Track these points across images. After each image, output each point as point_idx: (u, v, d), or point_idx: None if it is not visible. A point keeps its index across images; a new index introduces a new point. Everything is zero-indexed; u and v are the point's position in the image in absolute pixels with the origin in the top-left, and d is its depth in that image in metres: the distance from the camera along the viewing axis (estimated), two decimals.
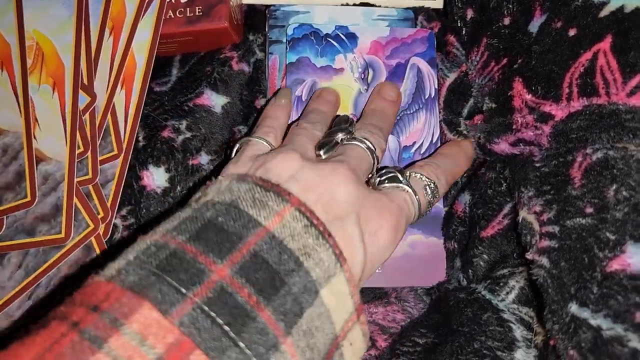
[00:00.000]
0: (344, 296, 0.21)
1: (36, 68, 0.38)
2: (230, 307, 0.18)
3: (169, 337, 0.17)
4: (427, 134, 0.37)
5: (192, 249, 0.19)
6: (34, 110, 0.37)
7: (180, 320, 0.17)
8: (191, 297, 0.18)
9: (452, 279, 0.35)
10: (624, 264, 0.24)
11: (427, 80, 0.38)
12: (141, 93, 0.36)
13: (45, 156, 0.36)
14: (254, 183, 0.22)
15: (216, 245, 0.20)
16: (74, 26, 0.37)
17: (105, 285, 0.18)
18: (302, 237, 0.21)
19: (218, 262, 0.19)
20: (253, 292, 0.19)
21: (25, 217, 0.35)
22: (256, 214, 0.21)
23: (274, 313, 0.19)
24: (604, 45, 0.27)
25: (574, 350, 0.24)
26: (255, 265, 0.19)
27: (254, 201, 0.21)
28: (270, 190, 0.22)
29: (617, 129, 0.26)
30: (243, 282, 0.19)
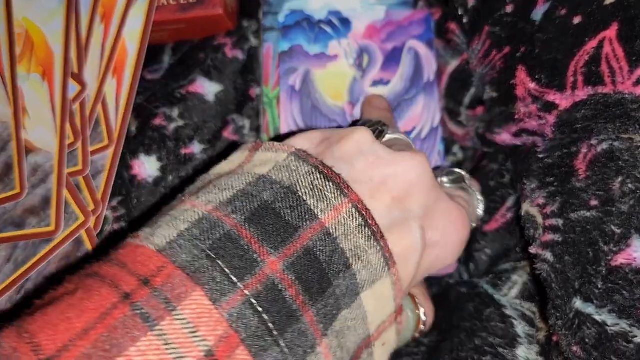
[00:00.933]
0: (386, 299, 0.21)
1: (25, 56, 0.37)
2: (278, 305, 0.18)
3: (219, 329, 0.16)
4: (427, 119, 0.36)
5: (247, 234, 0.18)
6: (23, 99, 0.36)
7: (230, 312, 0.17)
8: (242, 288, 0.17)
9: (453, 272, 0.35)
10: (630, 258, 0.24)
11: (426, 63, 0.37)
12: (133, 82, 0.36)
13: (35, 147, 0.35)
14: (314, 166, 0.21)
15: (272, 234, 0.19)
16: (64, 14, 0.36)
17: (156, 257, 0.18)
18: (355, 236, 0.20)
19: (272, 253, 0.18)
20: (301, 292, 0.18)
21: (14, 209, 0.35)
22: (314, 204, 0.20)
23: (317, 315, 0.18)
24: (610, 33, 0.27)
25: (578, 347, 0.24)
26: (307, 262, 0.19)
27: (312, 189, 0.20)
28: (330, 180, 0.20)
29: (623, 119, 0.26)
30: (293, 279, 0.18)
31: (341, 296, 0.19)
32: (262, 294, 0.17)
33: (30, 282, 0.34)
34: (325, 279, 0.19)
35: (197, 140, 0.36)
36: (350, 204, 0.20)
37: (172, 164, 0.36)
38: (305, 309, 0.18)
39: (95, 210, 0.34)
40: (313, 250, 0.19)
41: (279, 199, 0.20)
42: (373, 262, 0.20)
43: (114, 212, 0.35)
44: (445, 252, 0.23)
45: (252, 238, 0.18)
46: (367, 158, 0.22)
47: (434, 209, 0.23)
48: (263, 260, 0.18)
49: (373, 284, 0.20)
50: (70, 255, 0.34)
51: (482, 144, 0.35)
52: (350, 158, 0.22)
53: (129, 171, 0.35)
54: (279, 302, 0.18)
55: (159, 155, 0.35)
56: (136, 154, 0.35)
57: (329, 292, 0.19)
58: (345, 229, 0.20)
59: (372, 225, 0.20)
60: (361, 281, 0.19)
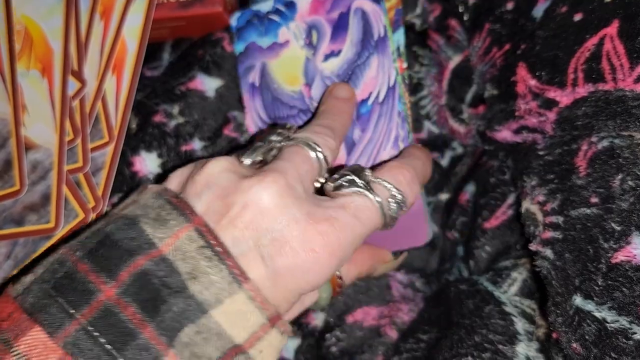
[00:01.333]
0: (247, 313, 0.21)
1: (25, 53, 0.37)
2: (114, 326, 0.20)
3: (51, 357, 0.19)
4: (382, 80, 0.34)
5: (84, 267, 0.21)
6: (23, 96, 0.36)
7: (65, 341, 0.19)
8: (78, 317, 0.19)
9: (453, 269, 0.35)
10: (630, 255, 0.24)
11: (374, 20, 0.34)
12: (133, 79, 0.35)
13: (34, 143, 0.35)
14: (167, 199, 0.22)
15: (107, 264, 0.21)
16: (63, 11, 0.36)
17: (11, 303, 0.20)
18: (193, 259, 0.21)
19: (107, 281, 0.20)
20: (138, 311, 0.20)
21: (14, 206, 0.35)
22: (153, 233, 0.21)
23: (156, 329, 0.20)
24: (611, 31, 0.27)
25: (578, 344, 0.24)
26: (141, 284, 0.20)
27: (156, 219, 0.22)
28: (176, 208, 0.22)
29: (624, 116, 0.26)
30: (129, 300, 0.20)
31: (180, 313, 0.20)
32: (97, 319, 0.19)
33: None
34: (159, 298, 0.20)
35: (197, 137, 0.36)
36: (193, 228, 0.21)
37: (172, 160, 0.36)
38: (144, 326, 0.20)
39: (96, 207, 0.34)
40: (147, 274, 0.20)
41: (120, 230, 0.22)
42: (216, 281, 0.21)
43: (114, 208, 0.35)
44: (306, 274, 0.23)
45: (89, 270, 0.20)
46: (213, 191, 0.23)
47: (284, 234, 0.22)
48: (99, 290, 0.20)
49: (221, 302, 0.21)
50: None
51: (482, 141, 0.35)
52: (200, 192, 0.23)
53: (130, 168, 0.35)
54: (115, 324, 0.20)
55: (160, 152, 0.35)
56: (137, 150, 0.35)
57: (164, 309, 0.20)
58: (183, 253, 0.21)
59: (215, 246, 0.21)
60: (204, 300, 0.21)
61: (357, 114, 0.34)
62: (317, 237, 0.22)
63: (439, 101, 0.38)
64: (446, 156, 0.38)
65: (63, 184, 0.34)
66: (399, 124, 0.33)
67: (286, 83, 0.36)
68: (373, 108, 0.34)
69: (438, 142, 0.39)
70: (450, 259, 0.36)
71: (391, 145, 0.33)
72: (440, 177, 0.38)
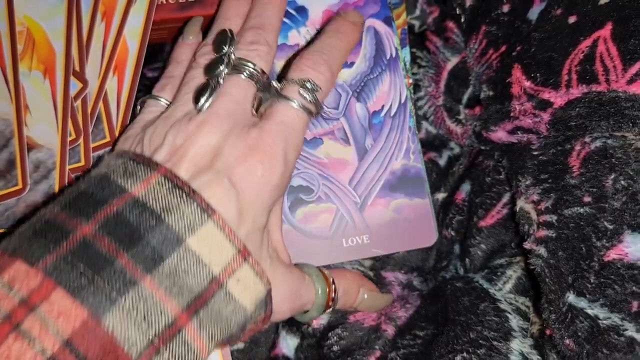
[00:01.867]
0: (218, 242, 0.23)
1: (27, 54, 0.37)
2: (90, 255, 0.21)
3: (32, 281, 0.20)
4: (394, 95, 0.36)
5: (62, 216, 0.23)
6: (25, 96, 0.36)
7: (45, 267, 0.21)
8: (57, 250, 0.21)
9: (449, 267, 0.35)
10: (622, 253, 0.24)
11: (386, 40, 0.37)
12: (134, 79, 0.36)
13: (37, 143, 0.35)
14: (129, 157, 0.25)
15: (84, 211, 0.23)
16: (64, 11, 0.37)
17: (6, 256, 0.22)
18: (165, 198, 0.23)
19: (84, 222, 0.22)
20: (112, 242, 0.22)
21: (16, 205, 0.35)
22: (124, 182, 0.23)
23: (131, 259, 0.22)
24: (604, 33, 0.27)
25: (571, 340, 0.24)
26: (116, 222, 0.22)
27: (124, 172, 0.24)
28: (140, 163, 0.24)
29: (617, 117, 0.26)
30: (104, 234, 0.22)
31: (159, 245, 0.22)
32: (75, 251, 0.21)
33: None
34: (137, 234, 0.22)
35: None
36: (160, 175, 0.24)
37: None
38: (119, 255, 0.21)
39: None
40: (122, 213, 0.22)
41: (92, 185, 0.24)
42: (188, 212, 0.23)
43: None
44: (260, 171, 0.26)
45: (67, 217, 0.22)
46: (168, 147, 0.26)
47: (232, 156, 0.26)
48: (75, 228, 0.22)
49: (195, 231, 0.23)
50: None
51: (478, 141, 0.35)
52: (157, 150, 0.26)
53: None
54: (90, 253, 0.21)
55: None
56: None
57: (142, 243, 0.22)
58: (154, 194, 0.23)
59: (182, 186, 0.23)
60: (180, 230, 0.23)
61: (369, 123, 0.36)
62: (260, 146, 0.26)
63: (436, 102, 0.38)
64: (444, 156, 0.39)
65: (65, 183, 0.35)
66: (410, 137, 0.36)
67: None
68: (385, 120, 0.36)
69: (436, 142, 0.39)
70: (446, 257, 0.36)
71: (402, 155, 0.35)
72: (437, 177, 0.38)
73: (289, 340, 0.34)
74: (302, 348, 0.34)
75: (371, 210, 0.35)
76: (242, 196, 0.25)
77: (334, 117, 0.36)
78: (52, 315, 0.20)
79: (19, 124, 0.36)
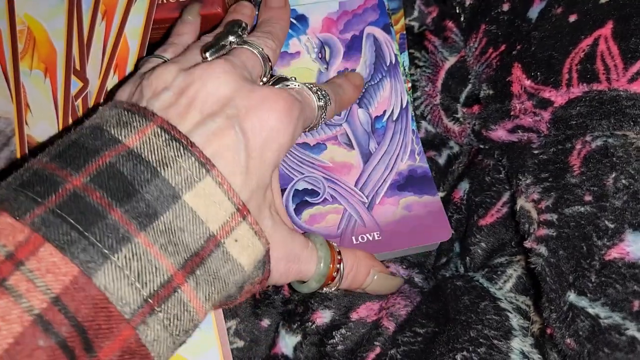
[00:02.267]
0: (217, 197, 0.22)
1: (27, 53, 0.37)
2: (81, 208, 0.20)
3: (19, 236, 0.19)
4: (395, 101, 0.37)
5: (51, 166, 0.21)
6: (26, 95, 0.36)
7: (32, 221, 0.20)
8: (45, 203, 0.20)
9: (450, 265, 0.35)
10: (623, 252, 0.24)
11: (385, 47, 0.38)
12: None
13: (37, 142, 0.35)
14: (123, 108, 0.23)
15: (73, 161, 0.21)
16: (65, 11, 0.37)
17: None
18: (162, 150, 0.22)
19: (74, 173, 0.21)
20: (105, 196, 0.20)
21: None
22: (117, 133, 0.22)
23: (125, 214, 0.20)
24: (605, 31, 0.27)
25: (572, 339, 0.24)
26: (109, 174, 0.21)
27: (118, 122, 0.23)
28: (136, 113, 0.23)
29: (618, 116, 0.26)
30: (96, 187, 0.21)
31: (154, 200, 0.21)
32: (64, 203, 0.20)
33: None
34: (131, 187, 0.21)
35: None
36: (156, 126, 0.22)
37: None
38: (112, 209, 0.20)
39: None
40: (115, 165, 0.21)
41: (84, 135, 0.22)
42: (185, 166, 0.22)
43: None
44: (268, 123, 0.25)
45: (56, 167, 0.21)
46: (171, 91, 0.25)
47: (243, 98, 0.25)
48: (65, 180, 0.21)
49: (192, 187, 0.22)
50: None
51: (477, 140, 0.35)
52: (158, 94, 0.25)
53: None
54: (81, 206, 0.20)
55: None
56: None
57: (137, 197, 0.21)
58: (150, 146, 0.22)
59: (180, 138, 0.22)
60: (176, 185, 0.22)
61: (372, 128, 0.37)
62: (273, 97, 0.25)
63: (433, 100, 0.38)
64: (443, 154, 0.39)
65: None
66: (414, 139, 0.37)
67: None
68: (388, 125, 0.37)
69: (435, 141, 0.39)
70: (447, 255, 0.36)
71: (408, 156, 0.36)
72: (437, 175, 0.38)
73: (288, 339, 0.34)
74: (302, 347, 0.33)
75: (380, 208, 0.35)
76: (252, 146, 0.24)
77: (336, 123, 0.37)
78: (40, 271, 0.19)
79: (20, 123, 0.36)
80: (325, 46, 0.38)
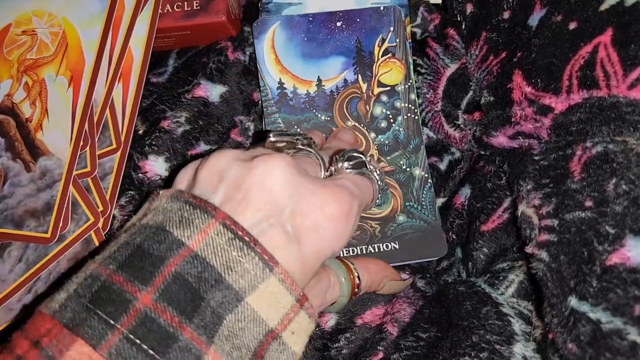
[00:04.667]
0: (279, 295, 0.22)
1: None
2: (154, 332, 0.20)
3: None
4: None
5: (119, 279, 0.21)
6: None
7: (109, 351, 0.19)
8: (119, 327, 0.20)
9: (452, 270, 0.35)
10: (624, 257, 0.24)
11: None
12: (138, 87, 0.36)
13: (48, 151, 0.36)
14: (185, 201, 0.23)
15: (140, 272, 0.21)
16: (103, 22, 0.36)
17: (49, 320, 0.20)
18: (225, 251, 0.22)
19: (142, 288, 0.20)
20: (175, 314, 0.20)
21: (16, 207, 0.35)
22: (180, 234, 0.22)
23: (195, 329, 0.20)
24: (605, 39, 0.27)
25: (573, 344, 0.24)
26: (176, 286, 0.21)
27: (180, 220, 0.22)
28: (197, 207, 0.22)
29: (618, 122, 0.26)
30: (165, 305, 0.20)
31: (218, 306, 0.21)
32: (137, 326, 0.20)
33: (41, 281, 0.34)
34: (197, 296, 0.21)
35: (202, 141, 0.37)
36: (218, 223, 0.22)
37: (180, 164, 0.36)
38: (182, 327, 0.20)
39: (104, 211, 0.35)
40: (181, 274, 0.21)
41: (149, 238, 0.22)
42: (250, 269, 0.22)
43: (121, 210, 0.36)
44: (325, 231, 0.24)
45: (124, 281, 0.21)
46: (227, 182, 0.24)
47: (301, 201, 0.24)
48: (135, 298, 0.20)
49: (256, 288, 0.22)
50: (79, 254, 0.35)
51: (478, 146, 0.35)
52: (215, 185, 0.24)
53: (139, 171, 0.36)
54: (154, 329, 0.20)
55: (168, 156, 0.36)
56: (145, 154, 0.36)
57: (202, 306, 0.21)
58: (214, 247, 0.22)
59: (244, 236, 0.22)
60: (240, 289, 0.21)
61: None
62: (331, 200, 0.24)
63: (434, 107, 0.39)
64: (444, 160, 0.39)
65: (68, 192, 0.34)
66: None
67: None
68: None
69: (437, 147, 0.39)
70: (449, 260, 0.36)
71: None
72: (438, 181, 0.38)
73: None
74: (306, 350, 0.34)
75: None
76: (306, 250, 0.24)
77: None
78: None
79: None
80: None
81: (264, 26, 0.38)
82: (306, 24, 0.38)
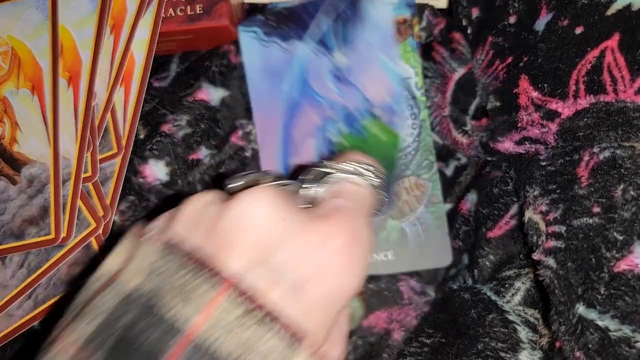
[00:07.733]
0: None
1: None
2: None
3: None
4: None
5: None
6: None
7: None
8: None
9: (458, 277, 0.35)
10: (632, 264, 0.24)
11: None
12: (140, 91, 0.36)
13: (29, 159, 0.35)
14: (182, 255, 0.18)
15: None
16: (95, 22, 0.36)
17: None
18: (240, 329, 0.17)
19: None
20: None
21: (12, 220, 0.35)
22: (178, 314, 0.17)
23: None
24: (612, 43, 0.27)
25: (581, 352, 0.24)
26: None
27: (179, 291, 0.17)
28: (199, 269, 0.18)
29: (625, 127, 0.26)
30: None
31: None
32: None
33: (41, 287, 0.34)
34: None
35: (204, 145, 0.37)
36: (227, 294, 0.17)
37: (181, 168, 0.36)
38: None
39: (105, 216, 0.34)
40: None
41: (138, 320, 0.17)
42: (275, 344, 0.17)
43: (121, 215, 0.36)
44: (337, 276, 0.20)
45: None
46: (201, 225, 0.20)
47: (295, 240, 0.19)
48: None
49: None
50: (79, 260, 0.34)
51: (485, 152, 0.35)
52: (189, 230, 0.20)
53: (139, 176, 0.36)
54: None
55: (168, 160, 0.36)
56: (145, 159, 0.36)
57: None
58: (224, 327, 0.17)
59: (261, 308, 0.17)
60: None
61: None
62: (333, 232, 0.20)
63: (442, 112, 0.38)
64: (450, 166, 0.39)
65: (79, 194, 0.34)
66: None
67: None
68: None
69: (443, 153, 0.39)
70: (455, 266, 0.36)
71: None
72: (444, 187, 0.38)
73: None
74: None
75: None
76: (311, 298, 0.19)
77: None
78: None
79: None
80: None
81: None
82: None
